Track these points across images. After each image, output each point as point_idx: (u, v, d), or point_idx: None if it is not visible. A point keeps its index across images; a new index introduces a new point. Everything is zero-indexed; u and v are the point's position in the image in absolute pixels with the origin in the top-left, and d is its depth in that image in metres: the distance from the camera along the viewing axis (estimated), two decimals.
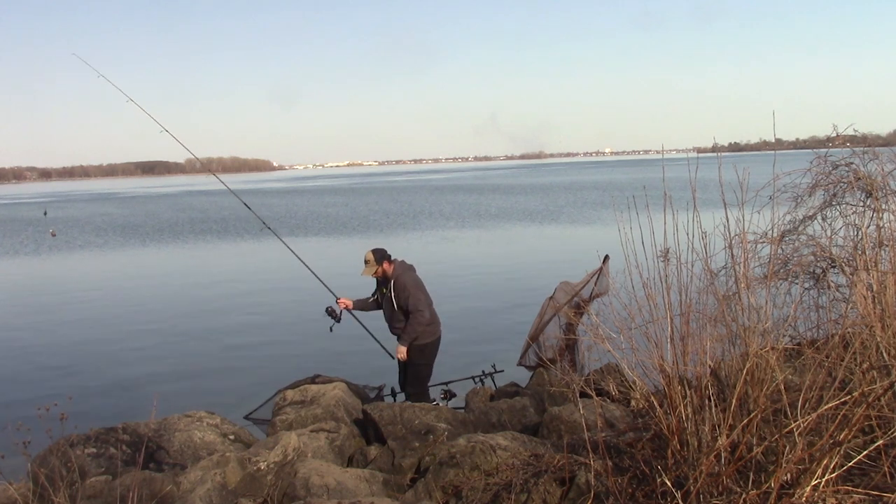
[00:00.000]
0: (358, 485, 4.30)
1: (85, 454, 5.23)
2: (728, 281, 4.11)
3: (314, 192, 70.14)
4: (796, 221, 5.34)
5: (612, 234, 3.95)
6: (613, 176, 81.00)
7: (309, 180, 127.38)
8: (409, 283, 6.65)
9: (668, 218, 3.80)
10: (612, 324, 3.92)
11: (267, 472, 4.54)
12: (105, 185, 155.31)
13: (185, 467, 4.96)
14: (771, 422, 3.27)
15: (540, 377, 7.02)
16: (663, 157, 5.13)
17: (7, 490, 4.22)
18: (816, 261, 5.14)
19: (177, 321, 12.89)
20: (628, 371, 3.95)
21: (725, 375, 3.55)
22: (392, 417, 5.30)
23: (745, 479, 3.11)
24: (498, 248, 21.71)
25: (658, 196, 3.95)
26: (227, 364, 9.74)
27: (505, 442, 4.38)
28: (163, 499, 4.28)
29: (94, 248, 26.36)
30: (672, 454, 3.36)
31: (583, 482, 3.58)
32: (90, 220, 42.41)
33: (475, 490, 3.95)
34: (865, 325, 3.67)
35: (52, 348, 11.15)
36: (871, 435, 3.20)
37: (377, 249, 6.86)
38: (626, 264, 3.86)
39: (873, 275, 4.20)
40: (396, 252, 7.01)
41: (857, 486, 3.01)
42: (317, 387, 6.19)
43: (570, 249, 19.98)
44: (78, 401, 6.82)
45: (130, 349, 10.83)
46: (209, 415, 6.05)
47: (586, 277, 7.44)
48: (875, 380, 3.28)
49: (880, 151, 5.28)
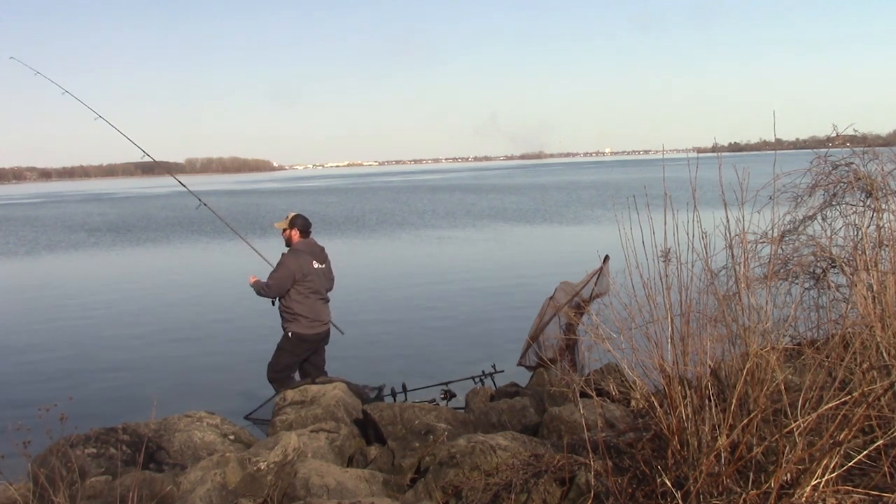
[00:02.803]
0: (358, 485, 4.30)
1: (85, 454, 5.22)
2: (728, 281, 4.12)
3: (313, 192, 70.13)
4: (796, 221, 5.34)
5: (613, 234, 3.95)
6: (613, 176, 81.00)
7: (308, 180, 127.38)
8: (287, 260, 6.83)
9: (668, 218, 3.80)
10: (612, 324, 3.93)
11: (267, 473, 4.54)
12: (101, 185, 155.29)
13: (185, 467, 4.96)
14: (771, 422, 3.27)
15: (540, 377, 7.02)
16: (663, 157, 5.13)
17: (7, 490, 4.22)
18: (816, 261, 5.14)
19: (177, 321, 12.88)
20: (628, 371, 3.95)
21: (725, 375, 3.55)
22: (392, 417, 5.30)
23: (745, 479, 3.11)
24: (497, 248, 21.70)
25: (658, 196, 3.95)
26: (227, 364, 9.73)
27: (505, 442, 4.38)
28: (163, 499, 4.28)
29: (90, 248, 26.36)
30: (672, 454, 3.36)
31: (583, 482, 3.58)
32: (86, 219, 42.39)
33: (475, 490, 3.95)
34: (865, 325, 3.68)
35: (52, 349, 11.14)
36: (871, 435, 3.20)
37: (300, 216, 7.06)
38: (626, 264, 3.86)
39: (873, 275, 4.20)
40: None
41: (857, 486, 3.01)
42: (317, 387, 6.19)
43: (570, 249, 19.98)
44: (78, 401, 6.82)
45: (131, 349, 10.82)
46: (209, 415, 6.05)
47: (586, 277, 7.44)
48: (875, 380, 3.28)
49: (880, 151, 5.28)
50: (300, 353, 6.94)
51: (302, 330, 6.84)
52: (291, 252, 6.88)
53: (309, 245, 6.96)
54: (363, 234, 26.86)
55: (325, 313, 7.04)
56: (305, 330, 6.85)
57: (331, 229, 28.46)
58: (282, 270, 6.76)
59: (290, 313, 6.82)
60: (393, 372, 6.96)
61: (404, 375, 7.78)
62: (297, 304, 6.79)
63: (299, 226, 6.96)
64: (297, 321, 6.82)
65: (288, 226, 6.96)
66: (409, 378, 7.53)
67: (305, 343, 6.90)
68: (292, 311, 6.81)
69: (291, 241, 6.96)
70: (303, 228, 6.97)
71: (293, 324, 6.83)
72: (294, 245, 6.93)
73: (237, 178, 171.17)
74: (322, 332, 6.99)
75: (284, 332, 6.91)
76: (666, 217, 3.80)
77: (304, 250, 6.89)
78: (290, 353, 6.91)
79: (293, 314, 6.81)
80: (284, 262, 6.80)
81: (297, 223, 6.95)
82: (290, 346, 6.88)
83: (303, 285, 6.78)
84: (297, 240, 6.94)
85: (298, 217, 7.02)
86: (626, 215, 3.86)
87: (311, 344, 6.96)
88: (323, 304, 7.00)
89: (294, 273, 6.74)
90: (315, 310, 6.89)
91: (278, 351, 6.95)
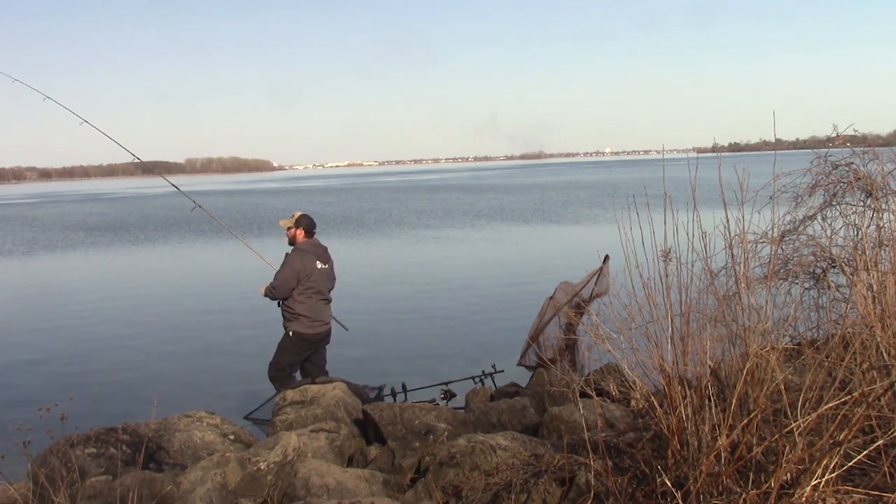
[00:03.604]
0: (358, 485, 4.30)
1: (85, 454, 5.22)
2: (728, 281, 4.12)
3: (312, 192, 70.12)
4: (796, 221, 5.34)
5: (613, 234, 3.95)
6: (613, 176, 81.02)
7: (308, 180, 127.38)
8: (291, 259, 6.84)
9: (668, 218, 3.80)
10: (612, 324, 3.93)
11: (267, 472, 4.54)
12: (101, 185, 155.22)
13: (185, 467, 4.96)
14: (771, 422, 3.27)
15: (540, 377, 7.02)
16: (663, 157, 5.13)
17: (7, 490, 4.22)
18: (816, 261, 5.14)
19: (177, 321, 12.88)
20: (628, 371, 3.95)
21: (725, 375, 3.55)
22: (392, 417, 5.30)
23: (745, 479, 3.12)
24: (497, 248, 21.71)
25: (658, 196, 3.95)
26: (227, 364, 9.73)
27: (505, 442, 4.38)
28: (163, 499, 4.28)
29: (90, 248, 26.35)
30: (672, 454, 3.36)
31: (583, 482, 3.58)
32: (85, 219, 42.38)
33: (475, 490, 3.95)
34: (865, 325, 3.68)
35: (53, 348, 11.14)
36: (871, 435, 3.20)
37: (306, 216, 7.07)
38: (626, 264, 3.86)
39: (873, 275, 4.20)
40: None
41: (857, 486, 3.01)
42: (317, 387, 6.19)
43: (570, 249, 19.98)
44: (78, 401, 6.81)
45: (131, 349, 10.82)
46: (209, 415, 6.05)
47: (586, 277, 7.44)
48: (875, 380, 3.29)
49: (880, 151, 5.28)
50: (301, 352, 6.95)
51: (303, 329, 6.85)
52: (295, 251, 6.90)
53: (313, 245, 6.97)
54: (362, 234, 26.86)
55: (327, 313, 7.05)
56: (306, 329, 6.86)
57: (330, 229, 28.46)
58: (286, 270, 6.78)
59: (292, 313, 6.84)
60: (393, 372, 6.96)
61: (404, 375, 7.78)
62: (299, 303, 6.81)
63: (305, 226, 6.96)
64: (298, 321, 6.84)
65: (294, 225, 6.97)
66: (409, 378, 7.54)
67: (306, 342, 6.92)
68: (294, 310, 6.82)
69: (296, 241, 6.97)
70: (308, 228, 6.97)
71: (294, 323, 6.85)
72: (298, 245, 6.95)
73: (237, 178, 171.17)
74: (323, 331, 7.01)
75: (286, 331, 6.93)
76: (666, 217, 3.80)
77: (308, 250, 6.90)
78: (291, 352, 6.92)
79: (295, 314, 6.83)
80: (289, 262, 6.80)
81: (303, 223, 6.96)
82: (291, 345, 6.90)
83: (305, 285, 6.79)
84: (302, 239, 6.95)
85: (304, 217, 7.02)
86: (626, 215, 3.86)
87: (312, 343, 6.97)
88: (325, 304, 7.01)
89: (298, 272, 6.76)
90: (317, 310, 6.90)
91: (279, 350, 6.97)
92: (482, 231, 26.67)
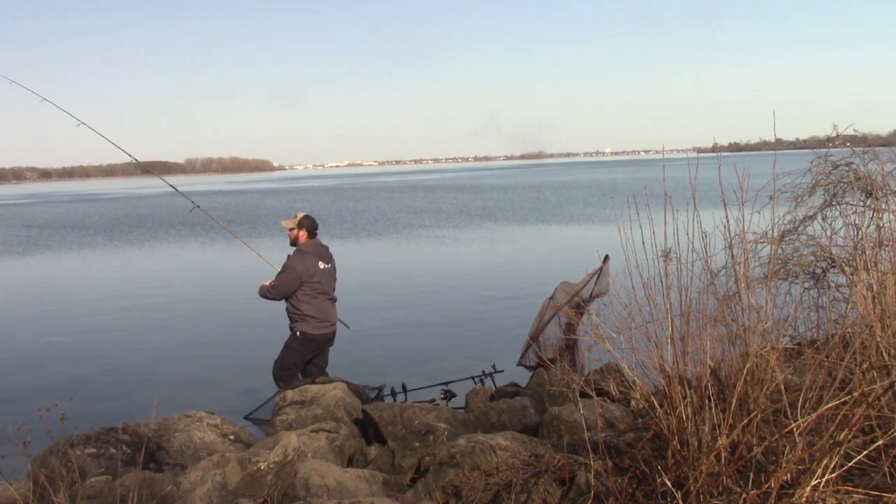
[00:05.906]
0: (358, 485, 4.30)
1: (85, 454, 5.23)
2: (728, 281, 4.12)
3: (312, 192, 70.12)
4: (796, 221, 5.34)
5: (612, 234, 3.95)
6: (613, 176, 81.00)
7: (308, 180, 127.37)
8: (293, 262, 6.82)
9: (668, 218, 3.80)
10: (612, 324, 3.93)
11: (267, 473, 4.54)
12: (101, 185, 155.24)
13: (185, 467, 4.96)
14: (771, 422, 3.28)
15: (540, 377, 7.02)
16: (664, 157, 5.13)
17: (7, 490, 4.22)
18: (816, 261, 5.14)
19: (177, 321, 12.88)
20: (628, 371, 3.95)
21: (725, 375, 3.55)
22: (392, 417, 5.30)
23: (745, 479, 3.12)
24: (497, 248, 21.70)
25: (658, 196, 3.95)
26: (227, 364, 9.73)
27: (505, 442, 4.38)
28: (163, 499, 4.28)
29: (89, 248, 26.35)
30: (672, 454, 3.36)
31: (583, 482, 3.58)
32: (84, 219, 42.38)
33: (475, 490, 3.95)
34: (865, 325, 3.68)
35: (53, 349, 11.14)
36: (871, 435, 3.20)
37: (309, 217, 7.06)
38: (626, 264, 3.86)
39: (873, 275, 4.20)
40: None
41: (857, 486, 3.01)
42: (317, 387, 6.19)
43: (570, 249, 19.98)
44: (78, 401, 6.81)
45: (131, 349, 10.82)
46: (209, 415, 6.05)
47: (586, 277, 7.44)
48: (875, 380, 3.28)
49: (880, 151, 5.29)
50: (307, 352, 6.94)
51: (311, 330, 6.83)
52: (297, 253, 6.88)
53: (315, 246, 6.96)
54: (362, 234, 26.85)
55: (333, 313, 7.05)
56: (314, 330, 6.84)
57: (330, 229, 28.47)
58: (288, 273, 6.76)
59: (299, 314, 6.82)
60: (393, 372, 6.96)
61: (404, 375, 7.77)
62: (305, 304, 6.79)
63: (307, 226, 6.95)
64: (305, 321, 6.82)
65: (296, 226, 6.95)
66: (409, 378, 7.54)
67: (313, 343, 6.91)
68: (301, 311, 6.80)
69: (298, 241, 6.95)
70: (310, 229, 6.96)
71: (302, 323, 6.83)
72: (300, 245, 6.93)
73: (237, 178, 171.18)
74: (330, 332, 7.00)
75: (293, 331, 6.91)
76: (666, 217, 3.80)
77: (310, 251, 6.89)
78: (297, 351, 6.91)
79: (302, 315, 6.81)
80: (291, 265, 6.79)
81: (306, 224, 6.94)
82: (297, 344, 6.89)
83: (310, 286, 6.78)
84: (304, 240, 6.93)
85: (307, 217, 7.01)
86: (626, 215, 3.86)
87: (319, 344, 6.96)
88: (331, 304, 7.00)
89: (300, 275, 6.74)
90: (323, 310, 6.89)
91: (285, 349, 6.96)
92: (482, 231, 26.67)
